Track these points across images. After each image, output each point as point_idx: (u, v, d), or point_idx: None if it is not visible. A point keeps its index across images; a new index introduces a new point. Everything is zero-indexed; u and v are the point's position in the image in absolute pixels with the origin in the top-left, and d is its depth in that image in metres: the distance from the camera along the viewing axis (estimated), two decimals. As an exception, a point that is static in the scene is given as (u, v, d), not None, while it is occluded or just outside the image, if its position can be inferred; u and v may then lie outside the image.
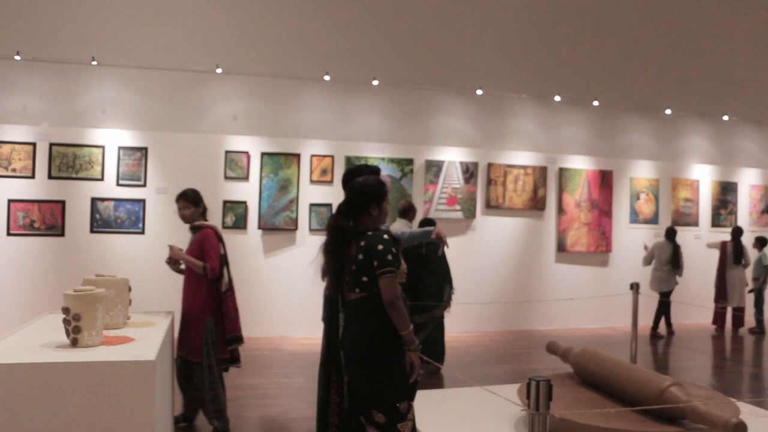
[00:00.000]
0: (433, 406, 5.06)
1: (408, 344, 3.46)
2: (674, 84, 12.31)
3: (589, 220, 11.41)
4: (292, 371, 7.65)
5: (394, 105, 10.52)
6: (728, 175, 12.87)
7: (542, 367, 7.70)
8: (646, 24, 12.14)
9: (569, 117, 11.65)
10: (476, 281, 10.26)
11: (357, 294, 3.53)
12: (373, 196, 3.64)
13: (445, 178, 10.46)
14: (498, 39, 11.08)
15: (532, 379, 2.67)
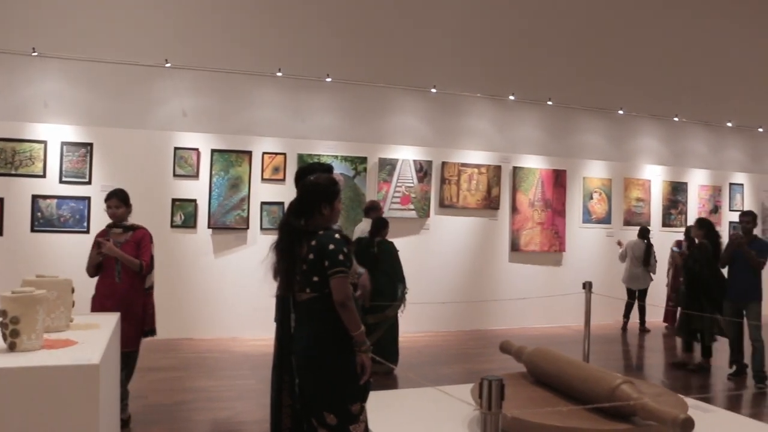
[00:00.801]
0: (386, 407, 4.99)
1: (359, 345, 3.40)
2: (627, 85, 12.46)
3: (543, 219, 11.47)
4: (244, 373, 7.49)
5: (347, 102, 10.42)
6: (678, 176, 13.09)
7: (496, 367, 7.68)
8: (600, 25, 12.27)
9: (523, 116, 11.70)
10: (430, 281, 10.21)
11: (308, 294, 3.46)
12: (325, 195, 3.56)
13: (399, 176, 10.39)
14: (453, 37, 11.06)
15: (484, 379, 2.64)
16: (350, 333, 3.38)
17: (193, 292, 9.38)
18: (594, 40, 12.20)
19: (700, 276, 8.11)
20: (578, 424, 4.16)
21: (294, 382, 3.59)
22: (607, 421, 4.19)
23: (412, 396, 5.85)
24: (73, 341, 3.53)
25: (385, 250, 7.71)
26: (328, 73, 10.08)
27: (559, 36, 11.91)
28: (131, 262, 5.35)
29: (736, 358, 7.92)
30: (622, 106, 12.38)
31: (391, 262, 7.70)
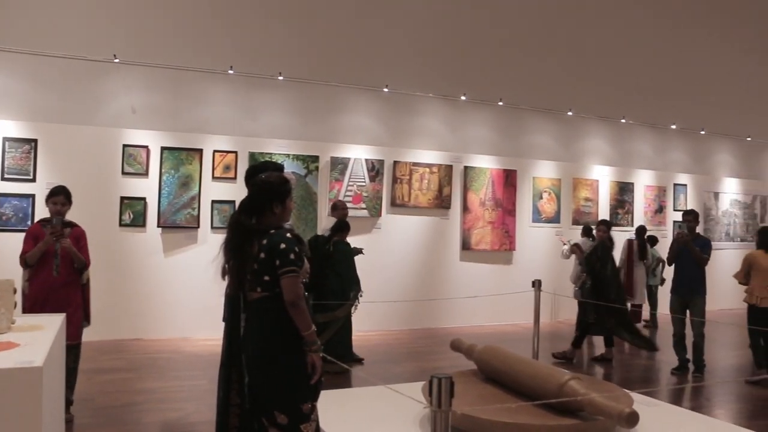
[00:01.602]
0: (337, 406, 5.00)
1: (310, 345, 3.40)
2: (576, 86, 12.67)
3: (493, 218, 11.59)
4: (194, 373, 7.41)
5: (299, 101, 10.38)
6: (625, 176, 13.36)
7: (447, 365, 7.74)
8: (550, 27, 12.45)
9: (475, 116, 11.81)
10: (381, 280, 10.23)
11: (259, 293, 3.44)
12: (276, 194, 3.55)
13: (351, 175, 10.40)
14: (405, 37, 11.10)
15: (434, 377, 2.66)
16: (301, 332, 3.37)
17: (142, 292, 9.24)
18: (544, 42, 12.38)
19: (600, 273, 8.43)
20: (527, 420, 4.23)
21: (243, 381, 3.57)
22: (555, 416, 4.27)
23: (364, 395, 5.86)
24: (15, 344, 3.44)
25: (340, 250, 7.72)
26: (280, 71, 10.03)
27: (510, 37, 12.05)
28: (80, 259, 5.51)
29: (680, 353, 8.13)
30: (571, 108, 12.59)
31: (345, 263, 7.71)
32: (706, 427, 4.99)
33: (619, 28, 13.28)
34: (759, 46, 15.61)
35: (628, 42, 13.39)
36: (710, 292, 8.21)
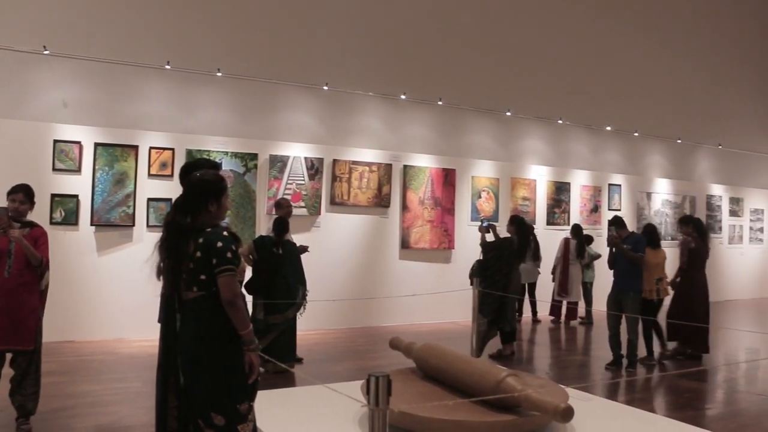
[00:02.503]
0: (276, 406, 4.96)
1: (247, 344, 3.36)
2: (514, 87, 12.87)
3: (433, 217, 11.67)
4: (129, 376, 7.24)
5: (238, 98, 10.26)
6: (562, 176, 13.61)
7: (386, 363, 7.75)
8: (489, 28, 12.61)
9: (414, 115, 11.86)
10: (321, 278, 10.15)
11: (195, 293, 3.38)
12: (211, 191, 3.50)
13: (290, 173, 10.32)
14: (346, 35, 11.09)
15: (371, 375, 2.66)
16: (238, 331, 3.33)
17: (74, 292, 8.97)
18: (484, 43, 12.54)
19: (497, 268, 8.60)
20: (465, 417, 4.26)
21: (180, 382, 3.51)
22: (493, 413, 4.31)
23: (302, 394, 5.82)
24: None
25: (288, 251, 7.65)
26: (218, 67, 9.89)
27: (450, 37, 12.16)
28: (33, 255, 5.15)
29: (615, 349, 8.33)
30: (510, 108, 12.76)
31: (293, 263, 7.64)
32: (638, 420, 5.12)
33: (558, 31, 13.56)
34: (690, 51, 16.17)
35: (566, 44, 13.68)
36: (642, 289, 8.43)
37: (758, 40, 18.25)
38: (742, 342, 10.82)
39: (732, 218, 17.22)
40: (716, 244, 16.71)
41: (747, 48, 17.84)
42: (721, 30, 17.03)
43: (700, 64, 16.45)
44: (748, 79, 17.89)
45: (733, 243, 17.22)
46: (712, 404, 6.95)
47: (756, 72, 18.17)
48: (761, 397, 7.19)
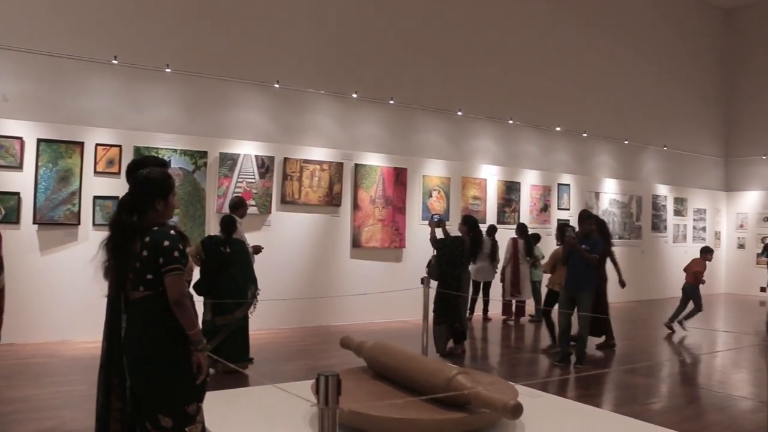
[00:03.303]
0: (225, 407, 4.90)
1: (195, 344, 3.31)
2: (465, 87, 12.96)
3: (384, 216, 11.68)
4: (73, 378, 7.05)
5: (188, 94, 10.10)
6: (512, 176, 13.75)
7: (337, 362, 7.73)
8: (441, 28, 12.67)
9: (366, 114, 11.85)
10: (271, 277, 10.06)
11: (141, 293, 3.32)
12: (158, 189, 3.44)
13: (240, 172, 10.21)
14: (298, 33, 11.02)
15: (321, 375, 2.64)
16: (186, 331, 3.28)
17: (16, 293, 8.62)
18: (435, 43, 12.60)
19: (448, 269, 8.72)
20: (416, 416, 4.27)
21: (125, 384, 3.44)
22: (443, 411, 4.33)
23: (253, 394, 5.77)
24: None
25: (237, 249, 7.54)
26: (167, 63, 9.73)
27: (402, 37, 12.18)
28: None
29: (564, 346, 8.47)
30: (461, 108, 12.84)
31: (242, 262, 7.54)
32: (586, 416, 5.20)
33: (508, 33, 13.70)
34: (637, 55, 16.51)
35: (517, 46, 13.84)
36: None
37: (703, 47, 18.74)
38: (686, 338, 11.08)
39: (676, 218, 17.65)
40: (661, 242, 17.14)
41: (692, 53, 18.30)
42: (667, 35, 17.44)
43: (647, 68, 16.81)
44: (692, 83, 18.35)
45: (677, 242, 17.64)
46: (657, 399, 7.10)
47: (700, 76, 18.66)
48: (703, 391, 7.39)
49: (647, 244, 16.66)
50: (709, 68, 19.06)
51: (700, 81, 18.70)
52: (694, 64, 18.44)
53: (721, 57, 19.42)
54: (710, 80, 19.07)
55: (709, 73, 19.05)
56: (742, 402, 6.93)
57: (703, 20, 18.93)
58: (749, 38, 19.10)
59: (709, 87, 19.02)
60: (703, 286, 11.05)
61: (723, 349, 10.01)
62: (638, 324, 12.12)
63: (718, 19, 19.40)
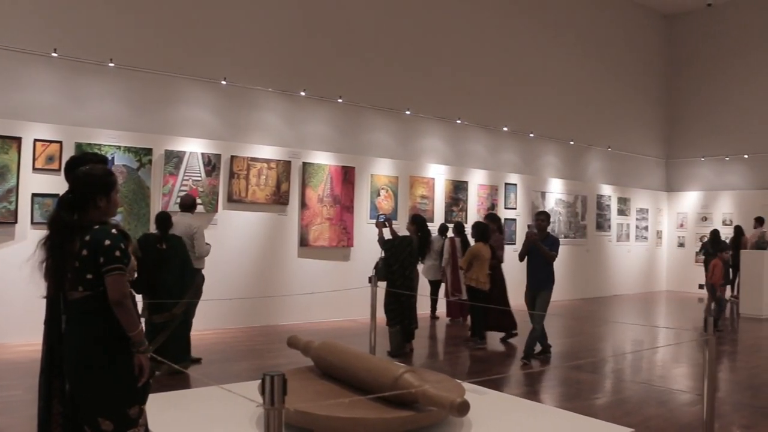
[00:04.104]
0: (169, 409, 4.81)
1: (137, 346, 3.23)
2: (414, 86, 12.99)
3: (332, 215, 11.63)
4: (10, 383, 6.83)
5: (132, 90, 9.89)
6: (460, 175, 13.84)
7: (285, 362, 7.67)
8: (390, 28, 12.68)
9: (314, 113, 11.78)
10: (218, 277, 9.94)
11: (80, 293, 3.23)
12: (99, 187, 3.34)
13: (186, 169, 10.04)
14: (245, 29, 10.89)
15: (266, 374, 2.61)
16: (127, 333, 3.20)
17: (-50, 293, 8.42)
18: (384, 42, 12.60)
19: (397, 269, 8.76)
20: (363, 414, 4.25)
21: (65, 387, 3.34)
22: (391, 409, 4.32)
23: (197, 396, 5.69)
24: None
25: (173, 246, 7.41)
26: (110, 57, 9.51)
27: (351, 36, 12.15)
28: None
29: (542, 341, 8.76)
30: (409, 107, 12.87)
31: (180, 259, 7.41)
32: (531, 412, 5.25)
33: (457, 33, 13.78)
34: (583, 58, 16.81)
35: (465, 46, 13.93)
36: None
37: (645, 51, 19.18)
38: (628, 334, 11.32)
39: (620, 217, 18.02)
40: (605, 241, 17.47)
41: (635, 57, 18.71)
42: (612, 39, 17.80)
43: (593, 71, 17.13)
44: (635, 86, 18.77)
45: (620, 241, 18.00)
46: (600, 394, 7.23)
47: (643, 80, 19.09)
48: (643, 386, 7.55)
49: (592, 243, 16.97)
50: (652, 72, 19.53)
51: (643, 84, 19.15)
52: (638, 67, 18.87)
53: (662, 61, 19.92)
54: (653, 84, 19.54)
55: (652, 77, 19.52)
56: (681, 395, 7.12)
57: (646, 26, 19.38)
58: (689, 44, 19.64)
59: (651, 90, 19.49)
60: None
61: (663, 345, 10.25)
62: (583, 321, 12.33)
63: (659, 25, 19.88)
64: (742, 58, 18.32)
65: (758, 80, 17.94)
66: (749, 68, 18.16)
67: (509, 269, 10.86)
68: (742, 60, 18.30)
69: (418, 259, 9.21)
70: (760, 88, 17.89)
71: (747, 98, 18.11)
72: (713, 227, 17.31)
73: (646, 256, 18.96)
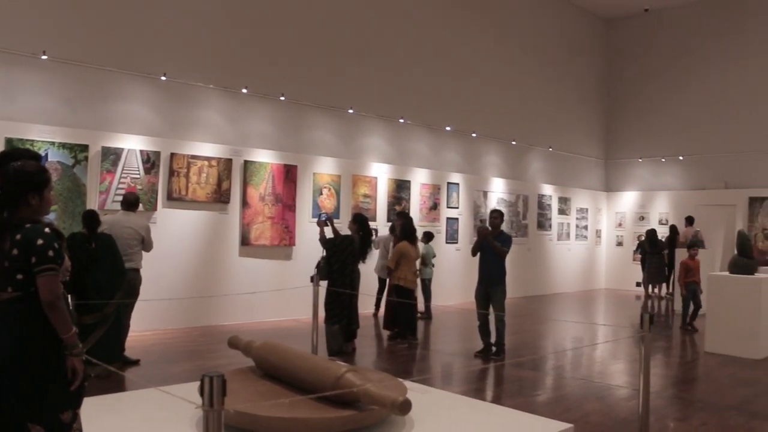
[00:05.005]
0: (105, 413, 4.68)
1: (70, 348, 3.12)
2: (357, 85, 12.97)
3: (273, 213, 11.52)
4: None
5: (67, 84, 9.60)
6: (402, 174, 13.87)
7: (226, 363, 7.58)
8: (333, 25, 12.62)
9: (256, 110, 11.65)
10: (157, 276, 9.74)
11: (9, 293, 3.11)
12: (31, 184, 3.22)
13: (124, 167, 9.81)
14: (186, 24, 10.70)
15: (205, 376, 2.56)
16: (60, 335, 3.09)
17: None
18: (327, 40, 12.54)
19: (338, 268, 8.79)
20: (305, 414, 4.21)
21: (-7, 392, 3.21)
22: (333, 409, 4.29)
23: (135, 399, 5.54)
24: None
25: (103, 244, 7.22)
26: (44, 49, 9.21)
27: (293, 32, 12.05)
28: None
29: (484, 338, 8.84)
30: (352, 106, 12.84)
31: (111, 257, 7.23)
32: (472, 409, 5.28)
33: (400, 32, 13.81)
34: (524, 59, 17.03)
35: (408, 45, 13.97)
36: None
37: (586, 54, 19.57)
38: (569, 332, 11.53)
39: (560, 216, 18.34)
40: (546, 240, 17.77)
41: (576, 59, 19.08)
42: (553, 41, 18.12)
43: (534, 72, 17.39)
44: (575, 87, 19.14)
45: (561, 240, 18.33)
46: (541, 390, 7.34)
47: (583, 82, 19.49)
48: (583, 382, 7.69)
49: (533, 242, 17.23)
50: (592, 74, 19.95)
51: (584, 86, 19.55)
52: (579, 69, 19.25)
53: (602, 64, 20.37)
54: (593, 86, 19.96)
55: (592, 79, 19.94)
56: (619, 390, 7.28)
57: (587, 29, 19.79)
58: (627, 48, 20.13)
59: (591, 92, 19.90)
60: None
61: (602, 342, 10.47)
62: (524, 319, 12.49)
63: (600, 29, 20.32)
64: (677, 63, 18.87)
65: (692, 84, 18.50)
66: (684, 72, 18.71)
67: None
68: (678, 64, 18.85)
69: (359, 258, 9.21)
70: (694, 92, 18.45)
71: (682, 101, 18.66)
72: (650, 226, 17.87)
73: (585, 255, 19.35)
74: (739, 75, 17.66)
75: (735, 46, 17.82)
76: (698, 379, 8.30)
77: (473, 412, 5.24)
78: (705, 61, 18.32)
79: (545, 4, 18.11)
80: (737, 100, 17.61)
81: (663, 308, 15.34)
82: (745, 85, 17.53)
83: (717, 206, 17.57)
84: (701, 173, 18.29)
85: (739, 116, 17.52)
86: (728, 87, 17.83)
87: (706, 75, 18.27)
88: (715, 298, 9.83)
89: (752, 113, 17.30)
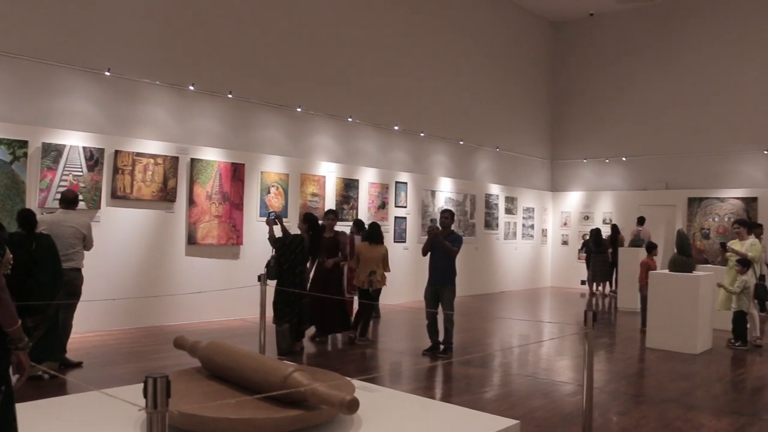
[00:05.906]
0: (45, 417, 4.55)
1: (16, 342, 3.02)
2: (305, 84, 12.90)
3: (220, 212, 11.39)
4: None
5: (5, 78, 9.32)
6: (351, 173, 13.86)
7: (171, 363, 7.47)
8: (282, 23, 12.54)
9: (203, 108, 11.50)
10: (101, 276, 9.54)
11: (-50, 287, 2.99)
12: None
13: (66, 164, 9.57)
14: (132, 19, 10.49)
15: (148, 377, 2.51)
16: (4, 328, 2.99)
17: None
18: (275, 38, 12.45)
19: (289, 267, 8.78)
20: (251, 415, 4.16)
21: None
22: (280, 409, 4.25)
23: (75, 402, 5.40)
24: None
25: (42, 245, 7.00)
26: (-19, 44, 8.94)
27: (241, 29, 11.94)
28: None
29: (433, 336, 8.89)
30: (301, 104, 12.78)
31: (50, 258, 7.02)
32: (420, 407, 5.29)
33: (349, 31, 13.80)
34: (472, 59, 17.19)
35: (357, 45, 13.96)
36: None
37: (532, 55, 19.85)
38: (515, 329, 11.67)
39: (507, 216, 18.56)
40: (493, 239, 17.96)
41: (523, 61, 19.34)
42: (500, 42, 18.33)
43: (482, 73, 17.56)
44: (522, 89, 19.40)
45: (508, 239, 18.55)
46: (488, 388, 7.41)
47: (530, 83, 19.76)
48: (529, 378, 7.80)
49: (480, 241, 17.39)
50: (539, 76, 20.25)
51: (530, 88, 19.83)
52: (526, 71, 19.52)
53: (548, 66, 20.68)
54: (539, 87, 20.26)
55: (539, 81, 20.23)
56: (564, 386, 7.40)
57: (534, 31, 20.07)
58: (573, 50, 20.50)
59: (538, 93, 20.20)
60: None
61: (548, 339, 10.62)
62: (471, 317, 12.60)
63: (546, 31, 20.63)
64: (620, 66, 19.28)
65: (634, 87, 18.94)
66: (626, 76, 19.14)
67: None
68: (620, 68, 19.26)
69: (308, 257, 9.17)
70: (635, 94, 18.89)
71: (624, 104, 19.08)
72: (594, 226, 18.24)
73: (532, 254, 19.63)
74: (678, 79, 18.15)
75: (674, 50, 18.30)
76: (639, 374, 8.49)
77: (421, 410, 5.26)
78: (646, 65, 18.77)
79: (494, 6, 18.31)
80: (676, 103, 18.09)
81: (607, 305, 15.65)
82: (683, 89, 18.02)
83: (658, 206, 18.02)
84: (643, 174, 18.73)
85: (679, 119, 18.00)
86: (668, 90, 18.30)
87: (647, 78, 18.72)
88: (655, 296, 10.08)
89: (691, 116, 17.80)
